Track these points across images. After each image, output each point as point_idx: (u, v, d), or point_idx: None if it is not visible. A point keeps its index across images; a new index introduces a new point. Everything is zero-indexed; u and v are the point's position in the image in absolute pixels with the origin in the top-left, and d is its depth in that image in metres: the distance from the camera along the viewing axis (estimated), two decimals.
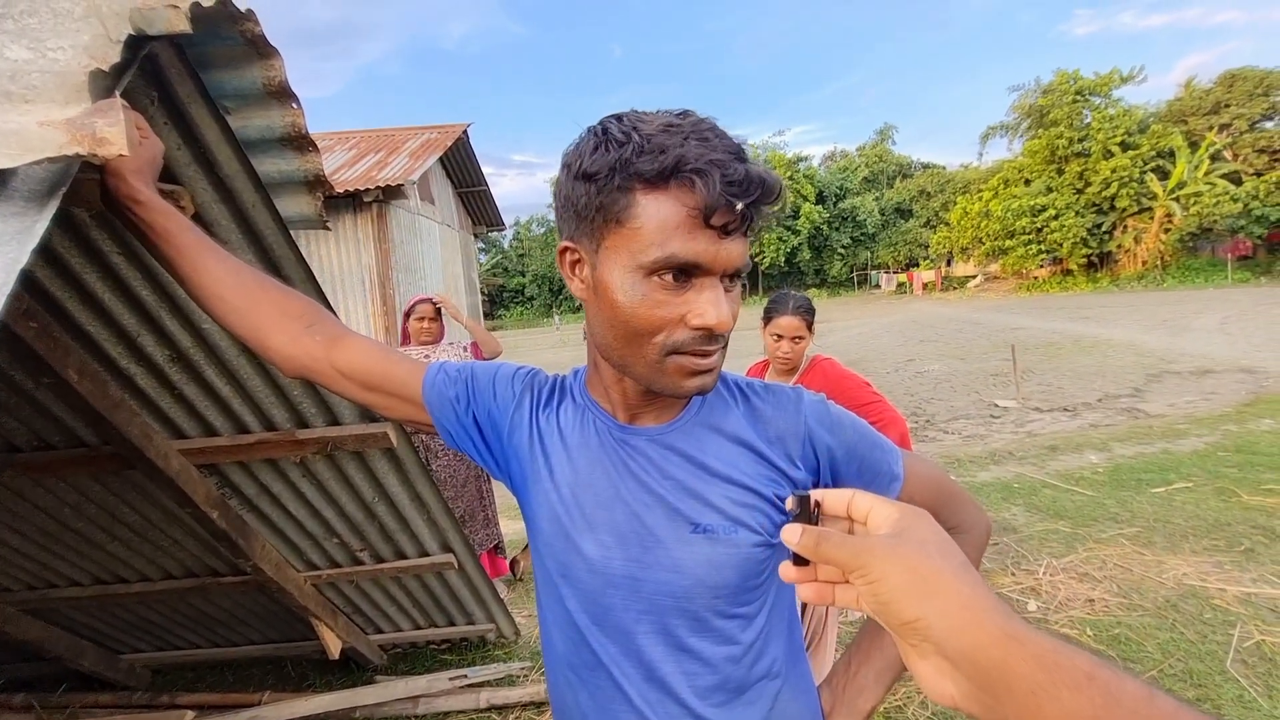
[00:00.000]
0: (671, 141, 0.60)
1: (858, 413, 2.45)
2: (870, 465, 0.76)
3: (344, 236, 8.05)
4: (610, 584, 0.72)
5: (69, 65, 0.78)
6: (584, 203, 0.64)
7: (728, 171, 0.59)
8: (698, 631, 0.72)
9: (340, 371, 0.82)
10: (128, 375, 1.54)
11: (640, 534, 0.72)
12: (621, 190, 0.62)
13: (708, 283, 0.64)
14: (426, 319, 3.19)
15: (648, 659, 0.72)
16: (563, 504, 0.75)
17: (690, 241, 0.61)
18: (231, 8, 0.94)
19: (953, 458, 5.58)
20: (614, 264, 0.64)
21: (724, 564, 0.70)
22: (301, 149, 1.21)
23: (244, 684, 2.87)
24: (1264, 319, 13.16)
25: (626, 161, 0.61)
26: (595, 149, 0.63)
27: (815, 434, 0.74)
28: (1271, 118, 26.60)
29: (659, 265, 0.62)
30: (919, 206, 38.23)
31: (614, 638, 0.73)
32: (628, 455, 0.74)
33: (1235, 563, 3.27)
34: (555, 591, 0.77)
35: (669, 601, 0.71)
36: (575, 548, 0.74)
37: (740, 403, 0.77)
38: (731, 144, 0.62)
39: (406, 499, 2.12)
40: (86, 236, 1.22)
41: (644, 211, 0.62)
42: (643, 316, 0.64)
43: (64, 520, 1.98)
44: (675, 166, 0.60)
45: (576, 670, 0.76)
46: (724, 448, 0.73)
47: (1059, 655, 0.39)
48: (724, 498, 0.71)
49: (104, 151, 0.70)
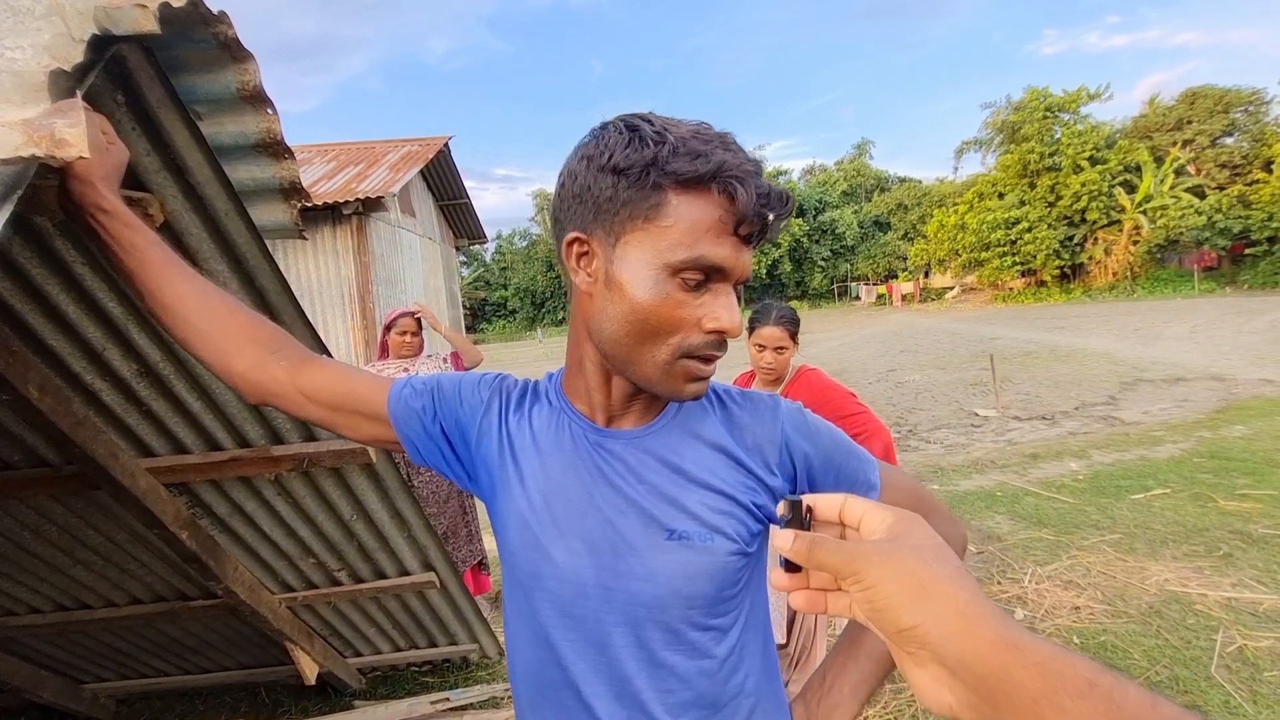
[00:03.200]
0: (707, 148, 0.61)
1: (842, 423, 2.44)
2: (847, 474, 0.75)
3: (323, 249, 7.95)
4: (582, 593, 0.70)
5: (28, 65, 0.74)
6: (608, 195, 0.64)
7: (760, 184, 0.62)
8: (671, 645, 0.69)
9: (305, 394, 0.80)
10: (92, 391, 1.47)
11: (613, 540, 0.69)
12: (655, 188, 0.62)
13: (724, 289, 0.65)
14: (408, 333, 3.14)
15: (621, 674, 0.69)
16: (533, 510, 0.72)
17: (718, 245, 0.63)
18: (203, 9, 0.91)
19: (935, 467, 5.61)
20: (636, 260, 0.64)
21: (699, 573, 0.68)
22: (277, 155, 1.18)
23: (215, 712, 2.76)
24: (1230, 328, 13.53)
25: (663, 160, 0.61)
26: (628, 144, 0.62)
27: (793, 441, 0.74)
28: (1231, 134, 27.59)
29: (686, 265, 0.63)
30: (897, 219, 38.92)
31: (585, 653, 0.70)
32: (602, 459, 0.72)
33: (1215, 568, 3.31)
34: (526, 604, 0.73)
35: (643, 612, 0.69)
36: (546, 555, 0.71)
37: (718, 409, 0.76)
38: (754, 159, 0.64)
39: (386, 516, 2.06)
40: (49, 246, 1.16)
41: (676, 211, 0.62)
42: (662, 315, 0.64)
43: (23, 544, 1.89)
44: (716, 172, 0.61)
45: (541, 690, 0.73)
46: (702, 453, 0.72)
47: (1060, 662, 0.38)
48: (701, 504, 0.70)
49: (63, 153, 0.67)
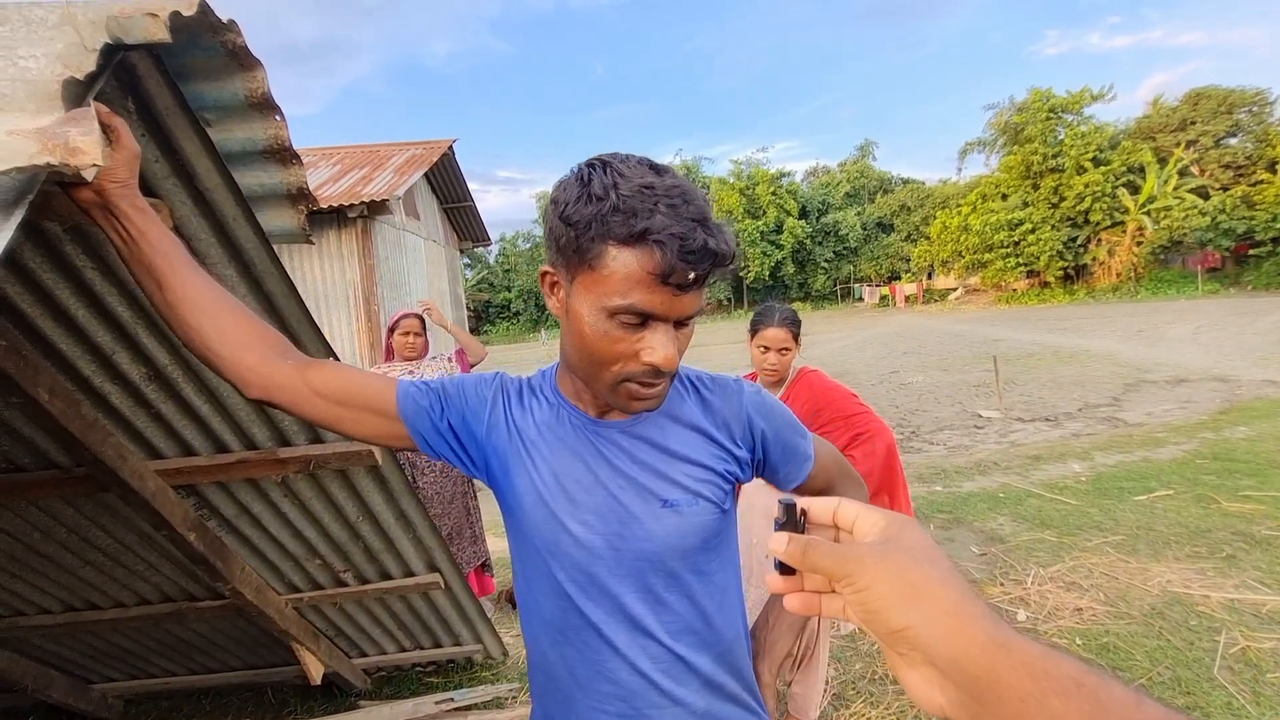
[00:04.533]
0: (643, 206, 0.70)
1: (845, 423, 2.44)
2: (790, 447, 0.92)
3: (328, 252, 7.98)
4: (595, 556, 0.84)
5: (41, 74, 0.75)
6: (564, 241, 0.75)
7: (687, 242, 0.70)
8: (670, 587, 0.85)
9: (314, 389, 0.85)
10: (102, 394, 1.49)
11: (619, 512, 0.84)
12: (596, 240, 0.72)
13: (661, 327, 0.75)
14: (412, 333, 3.15)
15: (631, 614, 0.85)
16: (548, 490, 0.85)
17: (649, 295, 0.72)
18: (212, 17, 0.93)
19: (938, 469, 5.61)
20: (583, 299, 0.76)
21: (688, 531, 0.84)
22: (284, 162, 1.19)
23: (221, 712, 2.77)
24: (1234, 329, 13.48)
25: (603, 218, 0.71)
26: (578, 199, 0.73)
27: (753, 419, 0.90)
28: (1235, 135, 27.46)
29: (620, 310, 0.73)
30: (900, 221, 38.80)
31: (601, 601, 0.85)
32: (602, 445, 0.86)
33: (1218, 569, 3.30)
34: (545, 567, 0.87)
35: (645, 565, 0.84)
36: (562, 527, 0.84)
37: (692, 394, 0.91)
38: (698, 210, 0.72)
39: (391, 517, 2.07)
40: (59, 251, 1.18)
41: (612, 263, 0.72)
42: (603, 349, 0.76)
43: (33, 545, 1.91)
44: (644, 233, 0.70)
45: (564, 632, 0.87)
46: (682, 434, 0.87)
47: (1047, 662, 0.39)
48: (685, 475, 0.85)
49: (77, 161, 0.68)
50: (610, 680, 0.86)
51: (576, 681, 0.87)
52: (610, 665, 0.85)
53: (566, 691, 0.89)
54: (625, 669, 0.85)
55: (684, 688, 0.86)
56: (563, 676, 0.89)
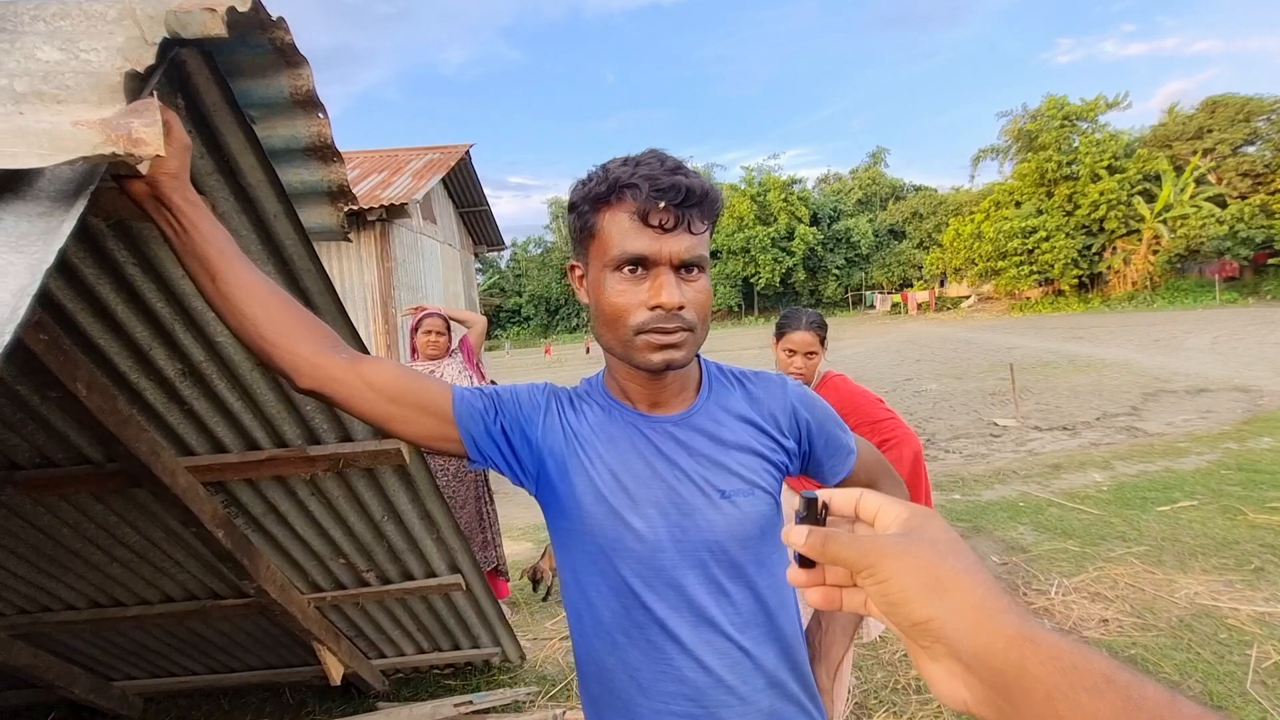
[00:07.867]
0: (623, 170, 0.80)
1: (871, 429, 2.41)
2: (834, 440, 0.95)
3: (347, 254, 8.03)
4: (659, 549, 0.85)
5: (102, 67, 0.76)
6: (575, 227, 0.86)
7: (656, 182, 0.78)
8: (733, 578, 0.86)
9: (368, 383, 0.84)
10: (137, 390, 1.50)
11: (679, 504, 0.85)
12: (590, 212, 0.83)
13: (660, 272, 0.80)
14: (435, 332, 3.17)
15: (697, 604, 0.85)
16: (607, 487, 0.87)
17: (637, 239, 0.79)
18: (263, 14, 0.93)
19: (956, 477, 5.55)
20: (595, 270, 0.84)
21: (746, 518, 0.86)
22: (326, 159, 1.19)
23: (240, 712, 2.78)
24: (1254, 339, 13.29)
25: (590, 190, 0.82)
26: (580, 188, 0.84)
27: (798, 411, 0.93)
28: (1254, 142, 27.14)
29: (618, 261, 0.80)
30: (912, 228, 38.66)
31: (665, 594, 0.85)
32: (657, 440, 0.88)
33: (1246, 582, 3.24)
34: (607, 564, 0.87)
35: (708, 555, 0.85)
36: (624, 523, 0.85)
37: (737, 387, 0.95)
38: (671, 163, 0.80)
39: (416, 517, 2.07)
40: (102, 247, 1.19)
41: (602, 223, 0.82)
42: (614, 305, 0.82)
43: (62, 541, 1.92)
44: (613, 185, 0.80)
45: (626, 631, 0.87)
46: (733, 424, 0.90)
47: (1076, 657, 0.37)
48: (740, 465, 0.88)
49: (140, 152, 0.68)
50: (677, 679, 0.85)
51: (639, 686, 0.87)
52: (676, 663, 0.85)
53: (626, 698, 0.88)
54: (692, 665, 0.85)
55: (749, 685, 0.86)
56: (623, 684, 0.88)
